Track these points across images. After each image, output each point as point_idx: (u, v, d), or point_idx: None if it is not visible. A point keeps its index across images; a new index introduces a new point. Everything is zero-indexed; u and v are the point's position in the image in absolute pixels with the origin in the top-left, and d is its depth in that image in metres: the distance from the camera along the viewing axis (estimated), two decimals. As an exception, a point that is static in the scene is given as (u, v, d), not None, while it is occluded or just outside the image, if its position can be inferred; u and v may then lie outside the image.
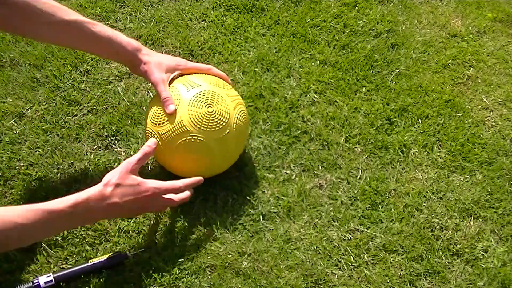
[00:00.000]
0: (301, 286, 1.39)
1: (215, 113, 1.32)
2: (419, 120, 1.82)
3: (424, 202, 1.61)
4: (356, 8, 2.16)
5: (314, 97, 1.83)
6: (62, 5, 1.30)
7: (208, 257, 1.40)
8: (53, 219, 1.11)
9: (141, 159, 1.28)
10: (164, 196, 1.29)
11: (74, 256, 1.37)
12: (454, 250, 1.52)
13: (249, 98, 1.78)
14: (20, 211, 1.10)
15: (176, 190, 1.31)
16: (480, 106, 1.92)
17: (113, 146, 1.62)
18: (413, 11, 2.21)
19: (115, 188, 1.19)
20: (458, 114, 1.87)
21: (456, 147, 1.76)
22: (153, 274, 1.36)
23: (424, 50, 2.07)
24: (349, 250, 1.47)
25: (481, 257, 1.52)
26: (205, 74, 1.43)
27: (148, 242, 1.42)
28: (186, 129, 1.32)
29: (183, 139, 1.33)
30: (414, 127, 1.80)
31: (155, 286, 1.34)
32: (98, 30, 1.32)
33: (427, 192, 1.64)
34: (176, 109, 1.32)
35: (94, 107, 1.70)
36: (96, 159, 1.57)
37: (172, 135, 1.33)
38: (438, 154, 1.74)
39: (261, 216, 1.51)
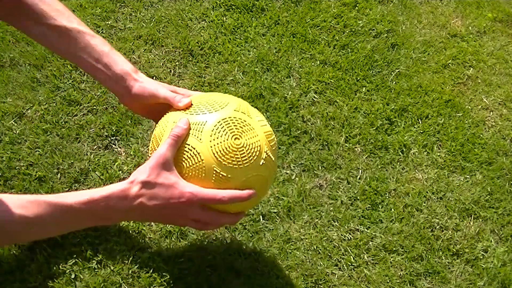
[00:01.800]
0: (301, 286, 1.39)
1: (242, 146, 1.01)
2: (419, 120, 1.82)
3: (424, 202, 1.61)
4: (356, 8, 2.16)
5: (314, 97, 1.83)
6: (66, 9, 1.26)
7: (208, 257, 1.40)
8: (60, 214, 0.94)
9: (172, 144, 0.99)
10: (202, 211, 1.02)
11: (74, 256, 1.37)
12: (454, 250, 1.52)
13: (249, 98, 1.78)
14: (22, 201, 0.92)
15: (218, 201, 1.00)
16: (480, 106, 1.92)
17: (113, 146, 1.62)
18: (413, 11, 2.21)
19: (143, 187, 0.96)
20: (458, 114, 1.87)
21: (456, 147, 1.76)
22: (153, 274, 1.36)
23: (424, 50, 2.07)
24: (349, 250, 1.47)
25: (481, 257, 1.52)
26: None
27: (148, 242, 1.42)
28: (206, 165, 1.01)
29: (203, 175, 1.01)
30: (414, 127, 1.80)
31: (155, 286, 1.34)
32: (95, 42, 1.20)
33: (427, 192, 1.64)
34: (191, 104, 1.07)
35: (94, 107, 1.70)
36: (96, 159, 1.57)
37: (192, 171, 1.02)
38: (438, 154, 1.74)
39: (261, 216, 1.51)
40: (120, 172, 1.54)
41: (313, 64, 1.93)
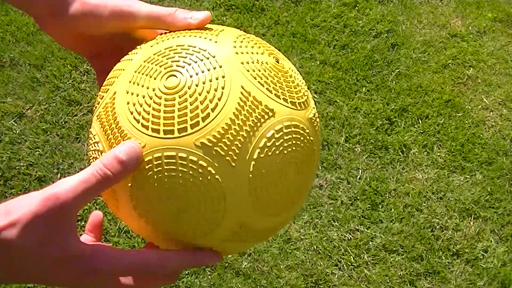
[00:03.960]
0: (301, 286, 1.39)
1: (287, 70, 0.48)
2: (419, 120, 1.83)
3: (424, 202, 1.61)
4: (356, 8, 2.16)
5: (314, 97, 1.83)
6: None
7: (208, 257, 1.41)
8: None
9: (89, 191, 0.41)
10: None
11: (74, 256, 1.37)
12: (454, 250, 1.52)
13: (249, 98, 1.78)
14: None
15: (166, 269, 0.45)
16: (480, 106, 1.92)
17: (113, 146, 1.62)
18: (413, 11, 2.21)
19: (21, 237, 0.39)
20: (458, 114, 1.87)
21: (456, 147, 1.76)
22: (153, 274, 1.36)
23: (424, 50, 2.07)
24: (349, 250, 1.47)
25: (481, 257, 1.52)
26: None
27: (148, 242, 1.42)
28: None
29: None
30: (414, 127, 1.80)
31: (155, 286, 1.34)
32: None
33: (427, 192, 1.64)
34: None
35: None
36: (96, 159, 1.57)
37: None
38: (438, 154, 1.74)
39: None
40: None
41: (313, 64, 1.93)
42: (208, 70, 0.43)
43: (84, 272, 0.42)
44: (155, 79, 0.44)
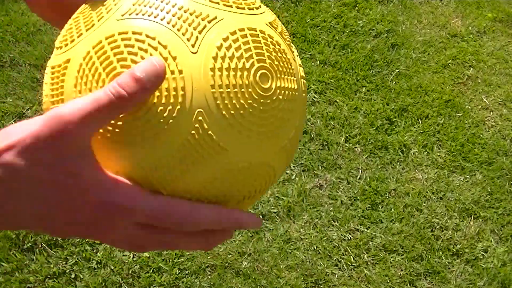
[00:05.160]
0: (301, 286, 1.39)
1: (271, 93, 0.42)
2: (419, 120, 1.83)
3: (424, 202, 1.61)
4: (356, 8, 2.16)
5: (314, 97, 1.83)
6: None
7: (208, 257, 1.40)
8: None
9: (98, 112, 0.35)
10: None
11: (74, 256, 1.37)
12: (454, 250, 1.52)
13: (249, 98, 1.78)
14: None
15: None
16: (480, 106, 1.92)
17: (113, 146, 1.62)
18: (413, 11, 2.21)
19: (19, 156, 0.35)
20: (458, 114, 1.87)
21: (456, 147, 1.76)
22: (153, 274, 1.36)
23: (424, 50, 2.07)
24: (349, 250, 1.47)
25: (481, 257, 1.52)
26: None
27: (148, 242, 1.42)
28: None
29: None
30: (414, 127, 1.80)
31: (155, 286, 1.34)
32: None
33: (427, 192, 1.64)
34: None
35: (94, 107, 1.70)
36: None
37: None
38: (438, 154, 1.74)
39: (261, 216, 1.51)
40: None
41: (313, 64, 1.93)
42: None
43: (99, 205, 0.36)
44: None
